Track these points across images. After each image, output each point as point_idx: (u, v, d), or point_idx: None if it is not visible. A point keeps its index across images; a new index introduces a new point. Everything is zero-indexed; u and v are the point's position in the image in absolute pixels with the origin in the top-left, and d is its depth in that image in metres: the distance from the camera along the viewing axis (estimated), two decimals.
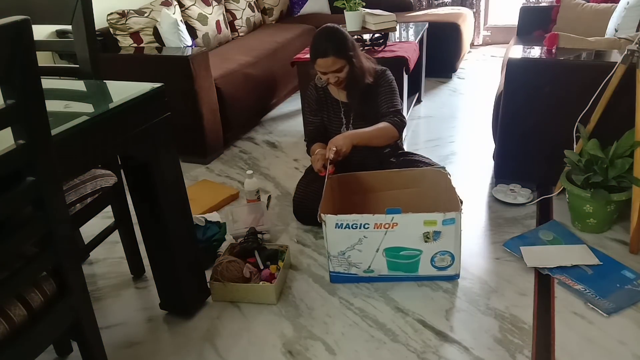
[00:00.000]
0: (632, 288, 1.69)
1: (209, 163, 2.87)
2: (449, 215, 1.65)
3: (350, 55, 1.96)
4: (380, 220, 1.68)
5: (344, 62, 1.96)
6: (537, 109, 2.11)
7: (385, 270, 1.78)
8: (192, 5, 3.38)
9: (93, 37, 1.66)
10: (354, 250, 1.74)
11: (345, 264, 1.78)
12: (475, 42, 4.80)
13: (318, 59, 1.96)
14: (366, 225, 1.69)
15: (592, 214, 1.95)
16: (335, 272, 1.81)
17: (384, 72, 2.12)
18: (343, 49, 1.95)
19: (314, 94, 2.18)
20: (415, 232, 1.68)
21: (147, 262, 1.72)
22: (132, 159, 1.48)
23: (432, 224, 1.66)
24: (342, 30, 2.01)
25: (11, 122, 0.95)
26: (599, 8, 2.81)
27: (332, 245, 1.75)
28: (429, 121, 3.22)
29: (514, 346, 1.51)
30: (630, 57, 1.80)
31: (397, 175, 2.01)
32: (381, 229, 1.68)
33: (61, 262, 1.12)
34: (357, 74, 2.01)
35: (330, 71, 1.97)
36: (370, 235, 1.70)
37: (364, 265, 1.77)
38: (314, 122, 2.22)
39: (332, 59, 1.94)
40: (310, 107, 2.21)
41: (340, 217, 1.69)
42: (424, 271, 1.77)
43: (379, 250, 1.73)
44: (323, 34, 1.97)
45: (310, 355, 1.54)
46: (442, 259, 1.73)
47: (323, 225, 1.72)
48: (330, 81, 2.01)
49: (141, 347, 1.63)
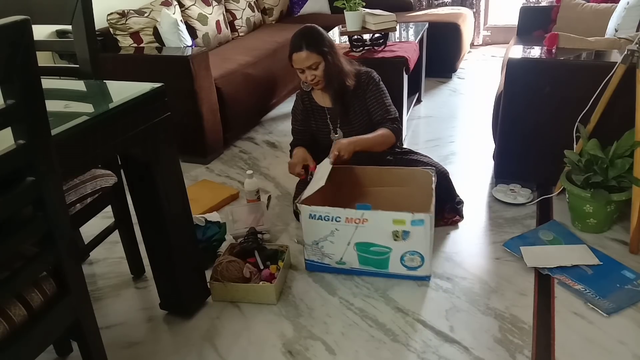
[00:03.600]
0: (632, 288, 1.69)
1: (209, 163, 2.87)
2: (418, 217, 1.66)
3: (324, 51, 1.97)
4: (351, 215, 1.72)
5: (318, 58, 1.96)
6: (537, 109, 2.11)
7: (356, 264, 1.82)
8: (192, 5, 3.38)
9: (93, 37, 1.66)
10: (326, 241, 1.79)
11: (318, 254, 1.83)
12: (475, 42, 4.80)
13: (293, 54, 1.98)
14: (337, 219, 1.73)
15: (592, 214, 1.95)
16: (310, 260, 1.87)
17: (368, 74, 2.11)
18: (317, 44, 1.96)
19: (300, 104, 2.20)
20: (385, 230, 1.71)
21: (147, 262, 1.72)
22: (132, 159, 1.48)
23: (401, 223, 1.68)
24: (319, 29, 2.02)
25: (11, 122, 0.95)
26: (599, 8, 2.81)
27: (307, 234, 1.81)
28: (428, 121, 3.22)
29: (514, 346, 1.51)
30: (630, 57, 1.80)
31: (388, 172, 2.02)
32: (352, 223, 1.73)
33: (61, 262, 1.12)
34: (333, 72, 2.00)
35: (305, 67, 1.98)
36: (342, 228, 1.74)
37: (336, 256, 1.82)
38: (299, 131, 2.24)
39: (305, 53, 1.95)
40: (296, 118, 2.23)
41: (313, 208, 1.75)
42: (394, 269, 1.79)
43: (350, 243, 1.77)
44: (299, 32, 2.01)
45: (310, 355, 1.54)
46: (411, 259, 1.75)
47: (300, 214, 1.78)
48: (308, 79, 2.01)
49: (141, 347, 1.63)
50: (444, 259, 1.91)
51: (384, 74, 2.26)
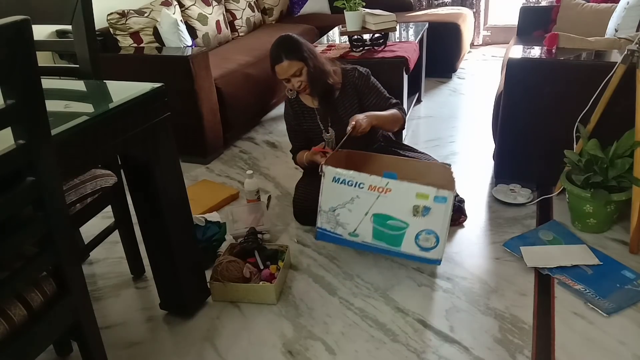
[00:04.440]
0: (632, 288, 1.69)
1: (209, 163, 2.87)
2: (442, 193, 1.67)
3: (304, 56, 1.98)
4: (376, 183, 1.71)
5: (300, 65, 1.97)
6: (537, 109, 2.11)
7: (369, 238, 1.79)
8: (192, 5, 3.38)
9: (93, 37, 1.66)
10: (344, 208, 1.77)
11: (333, 222, 1.81)
12: (475, 42, 4.80)
13: (275, 66, 1.99)
14: (361, 185, 1.72)
15: (592, 214, 1.95)
16: (322, 228, 1.84)
17: (355, 70, 2.13)
18: (295, 52, 1.97)
19: (290, 110, 2.20)
20: (406, 203, 1.70)
21: (147, 262, 1.72)
22: (132, 159, 1.48)
23: (424, 198, 1.68)
24: (294, 36, 2.03)
25: (11, 122, 0.95)
26: (599, 8, 2.81)
27: (325, 200, 1.79)
28: (429, 121, 3.22)
29: (514, 346, 1.52)
30: (630, 57, 1.80)
31: (405, 163, 2.02)
32: (374, 191, 1.72)
33: (61, 262, 1.12)
34: (316, 74, 2.01)
35: (289, 76, 1.99)
36: (363, 196, 1.73)
37: (350, 227, 1.79)
38: (297, 136, 2.24)
39: (287, 63, 1.95)
40: (290, 125, 2.24)
41: (338, 171, 1.74)
42: (407, 248, 1.77)
43: (367, 213, 1.75)
44: (275, 43, 2.01)
45: (310, 355, 1.54)
46: (426, 239, 1.74)
47: (322, 177, 1.76)
48: (295, 87, 2.03)
49: (141, 347, 1.63)
50: (444, 259, 1.91)
51: (384, 74, 2.26)
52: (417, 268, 1.88)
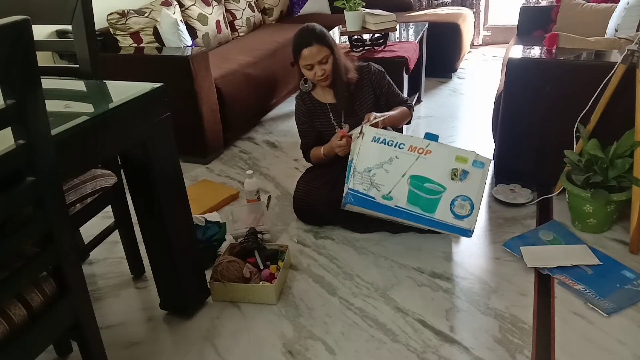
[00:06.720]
0: (632, 288, 1.69)
1: (209, 163, 2.87)
2: (481, 158, 1.73)
3: (332, 45, 2.02)
4: (416, 144, 1.74)
5: (328, 52, 2.00)
6: (537, 109, 2.11)
7: (403, 202, 1.77)
8: (192, 5, 3.38)
9: (93, 37, 1.66)
10: (381, 169, 1.76)
11: (367, 183, 1.78)
12: (475, 42, 4.80)
13: (303, 49, 1.99)
14: (401, 145, 1.74)
15: (592, 214, 1.95)
16: (354, 190, 1.79)
17: (370, 66, 2.17)
18: (325, 39, 2.01)
19: (302, 106, 2.21)
20: (445, 165, 1.72)
21: (147, 262, 1.72)
22: (132, 159, 1.48)
23: (464, 161, 1.72)
24: (321, 26, 2.06)
25: (11, 122, 0.95)
26: (599, 8, 2.81)
27: (361, 160, 1.78)
28: (429, 121, 3.22)
29: (514, 346, 1.52)
30: (630, 57, 1.80)
31: None
32: (414, 152, 1.73)
33: (61, 262, 1.12)
34: (340, 67, 2.05)
35: (316, 62, 1.99)
36: (402, 157, 1.74)
37: (385, 188, 1.78)
38: (308, 133, 2.25)
39: (317, 47, 1.97)
40: (301, 121, 2.24)
41: (380, 131, 1.76)
42: (441, 215, 1.77)
43: (405, 175, 1.75)
44: (303, 29, 2.04)
45: (310, 355, 1.54)
46: (462, 205, 1.75)
47: (360, 138, 1.77)
48: (318, 75, 2.02)
49: (141, 347, 1.63)
50: (444, 259, 1.91)
51: None
52: (417, 268, 1.88)
